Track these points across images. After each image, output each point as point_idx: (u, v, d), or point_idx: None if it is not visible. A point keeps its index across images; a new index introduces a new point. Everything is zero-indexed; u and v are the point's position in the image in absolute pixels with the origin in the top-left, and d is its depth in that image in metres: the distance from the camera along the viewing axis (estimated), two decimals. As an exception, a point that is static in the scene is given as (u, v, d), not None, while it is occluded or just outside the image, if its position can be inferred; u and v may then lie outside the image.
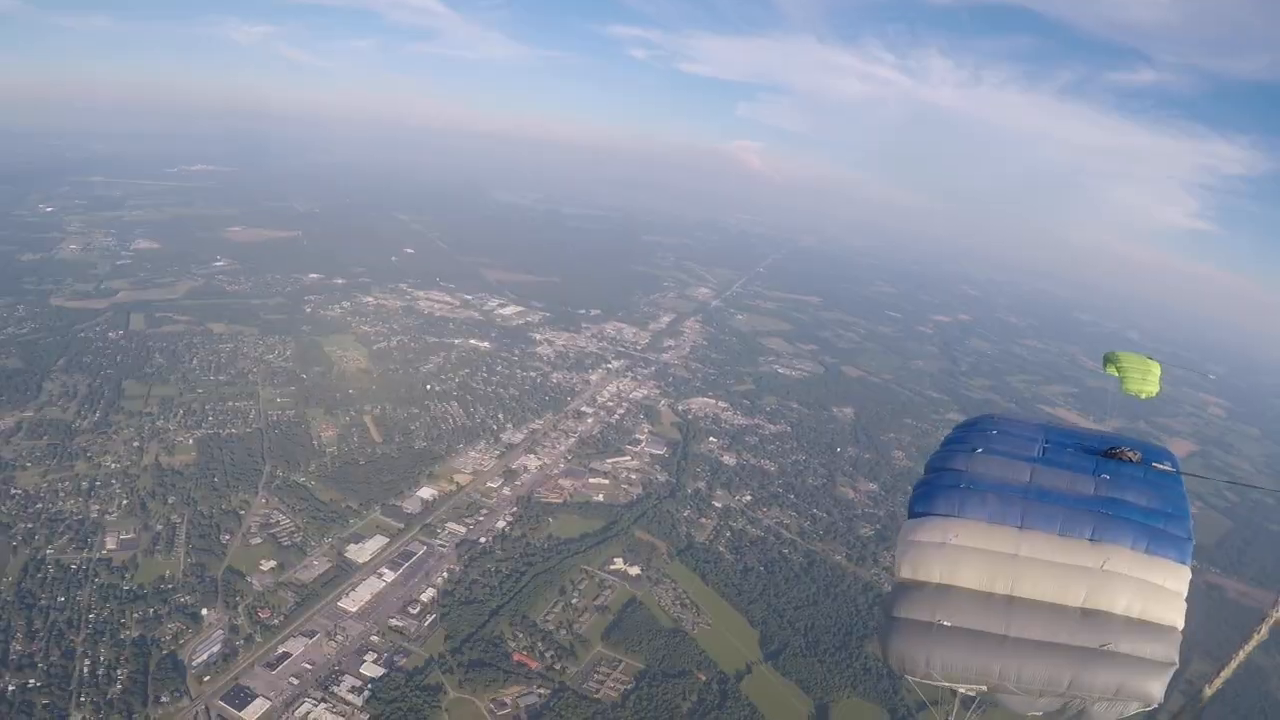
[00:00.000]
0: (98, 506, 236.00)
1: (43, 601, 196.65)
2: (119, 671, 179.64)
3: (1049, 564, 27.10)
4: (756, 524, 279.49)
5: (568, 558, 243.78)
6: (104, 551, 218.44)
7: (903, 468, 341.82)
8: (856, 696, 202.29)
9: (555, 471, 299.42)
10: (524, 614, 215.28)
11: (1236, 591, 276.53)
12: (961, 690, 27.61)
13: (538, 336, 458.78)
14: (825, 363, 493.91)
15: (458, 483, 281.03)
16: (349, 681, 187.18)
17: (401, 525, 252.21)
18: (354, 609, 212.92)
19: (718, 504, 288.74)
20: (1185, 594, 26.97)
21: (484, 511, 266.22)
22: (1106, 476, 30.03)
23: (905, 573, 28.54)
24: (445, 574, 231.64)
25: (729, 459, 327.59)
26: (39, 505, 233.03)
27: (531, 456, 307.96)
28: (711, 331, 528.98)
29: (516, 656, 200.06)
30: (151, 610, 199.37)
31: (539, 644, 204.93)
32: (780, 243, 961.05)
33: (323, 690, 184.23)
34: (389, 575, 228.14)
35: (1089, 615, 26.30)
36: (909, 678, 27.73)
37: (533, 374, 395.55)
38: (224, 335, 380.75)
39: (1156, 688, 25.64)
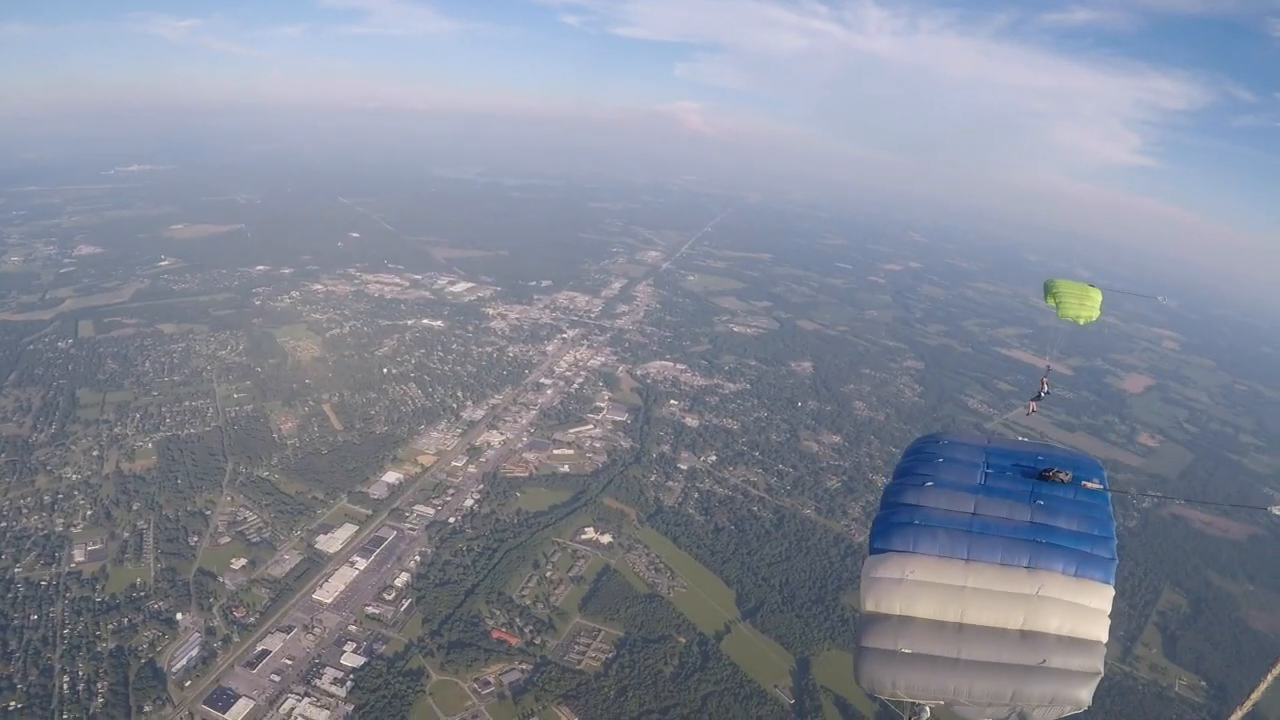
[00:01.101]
0: (62, 520, 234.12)
1: (15, 621, 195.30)
2: (99, 685, 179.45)
3: (992, 593, 31.02)
4: (724, 484, 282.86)
5: (538, 531, 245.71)
6: (73, 565, 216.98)
7: (864, 418, 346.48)
8: (836, 648, 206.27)
9: (519, 446, 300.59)
10: (500, 591, 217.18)
11: (1200, 521, 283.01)
12: (922, 705, 32.69)
13: (490, 311, 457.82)
14: (780, 318, 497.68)
15: (422, 464, 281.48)
16: (330, 673, 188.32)
17: (370, 512, 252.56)
18: (329, 600, 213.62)
19: (683, 466, 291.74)
20: (1109, 610, 31.30)
21: (451, 491, 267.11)
22: (1041, 502, 34.10)
23: (869, 606, 32.01)
24: (417, 557, 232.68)
25: (691, 420, 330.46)
26: (2, 524, 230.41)
27: (494, 432, 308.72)
28: (664, 294, 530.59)
29: (496, 634, 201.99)
30: (126, 620, 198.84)
31: (517, 620, 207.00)
32: (727, 201, 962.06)
33: (305, 684, 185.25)
34: (361, 563, 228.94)
35: (1027, 636, 30.36)
36: (879, 696, 31.75)
37: (488, 349, 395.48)
38: (175, 335, 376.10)
39: (1085, 694, 29.98)
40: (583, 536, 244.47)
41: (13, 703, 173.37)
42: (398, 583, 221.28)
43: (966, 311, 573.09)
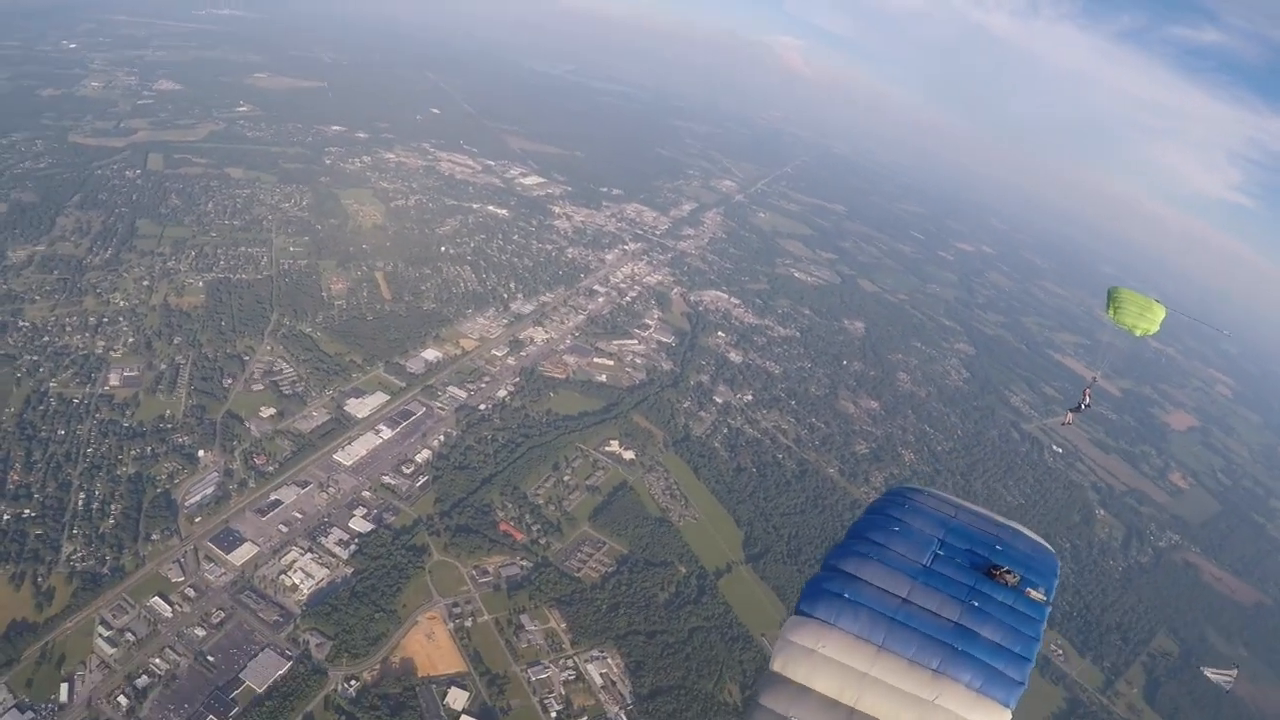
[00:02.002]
0: (103, 343, 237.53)
1: (43, 434, 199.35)
2: (113, 507, 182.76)
3: (891, 688, 31.44)
4: (755, 425, 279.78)
5: (564, 434, 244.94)
6: (107, 388, 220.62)
7: (906, 390, 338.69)
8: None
9: (561, 347, 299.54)
10: (515, 485, 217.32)
11: (1211, 575, 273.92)
12: None
13: (557, 210, 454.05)
14: (842, 273, 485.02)
15: (463, 348, 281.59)
16: (337, 534, 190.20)
17: (403, 384, 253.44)
18: (348, 463, 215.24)
19: (719, 400, 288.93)
20: None
21: (486, 379, 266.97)
22: (975, 603, 33.84)
23: (776, 666, 32.79)
24: (441, 437, 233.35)
25: (735, 356, 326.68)
26: (45, 339, 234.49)
27: (539, 329, 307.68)
28: (732, 226, 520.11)
29: (503, 526, 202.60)
30: (149, 448, 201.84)
31: (527, 517, 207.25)
32: (812, 146, 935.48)
33: (310, 540, 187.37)
34: (386, 433, 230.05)
35: None
36: None
37: (548, 247, 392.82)
38: (241, 181, 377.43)
39: None
40: (606, 448, 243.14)
41: (27, 510, 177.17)
42: (418, 458, 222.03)
43: (1029, 308, 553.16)
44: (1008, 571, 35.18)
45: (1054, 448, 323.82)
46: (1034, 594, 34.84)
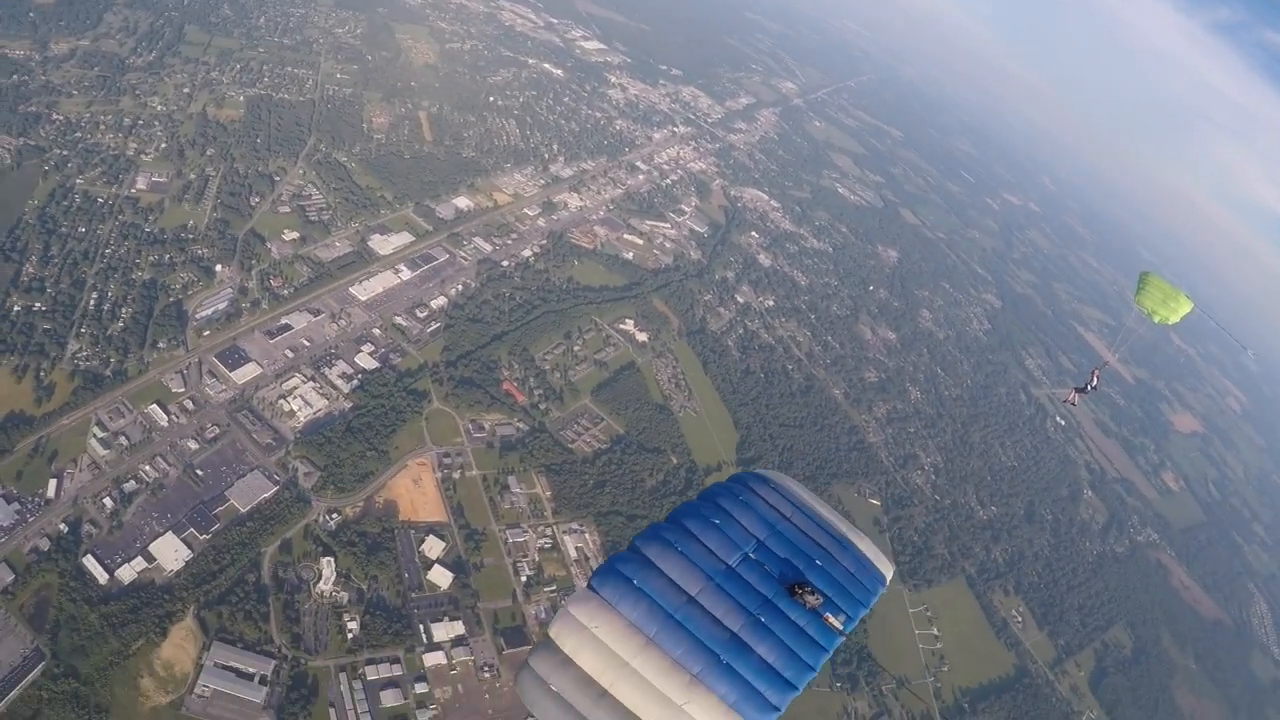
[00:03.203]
0: (135, 145, 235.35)
1: (63, 229, 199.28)
2: (123, 310, 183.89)
3: (646, 683, 31.81)
4: (771, 331, 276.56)
5: (581, 305, 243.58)
6: (133, 190, 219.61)
7: (925, 329, 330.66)
8: None
9: (594, 217, 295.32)
10: (525, 347, 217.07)
11: (1179, 581, 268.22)
12: None
13: (612, 79, 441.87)
14: (886, 198, 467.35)
15: (496, 201, 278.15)
16: (341, 367, 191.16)
17: (430, 228, 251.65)
18: (364, 298, 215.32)
19: (740, 299, 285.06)
20: None
21: (514, 236, 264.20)
22: (762, 619, 33.71)
23: (552, 632, 33.34)
24: (460, 286, 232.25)
25: (764, 259, 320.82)
26: (77, 134, 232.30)
27: (574, 195, 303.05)
28: (785, 129, 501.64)
29: (506, 386, 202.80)
30: (168, 256, 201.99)
31: (531, 380, 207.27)
32: (880, 65, 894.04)
33: (314, 369, 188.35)
34: (406, 274, 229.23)
35: None
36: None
37: (598, 115, 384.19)
38: (297, 0, 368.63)
39: None
40: (621, 326, 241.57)
41: (38, 304, 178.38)
42: (433, 304, 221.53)
43: (1062, 274, 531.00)
44: (810, 592, 35.01)
45: (1058, 419, 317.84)
46: (831, 620, 34.70)
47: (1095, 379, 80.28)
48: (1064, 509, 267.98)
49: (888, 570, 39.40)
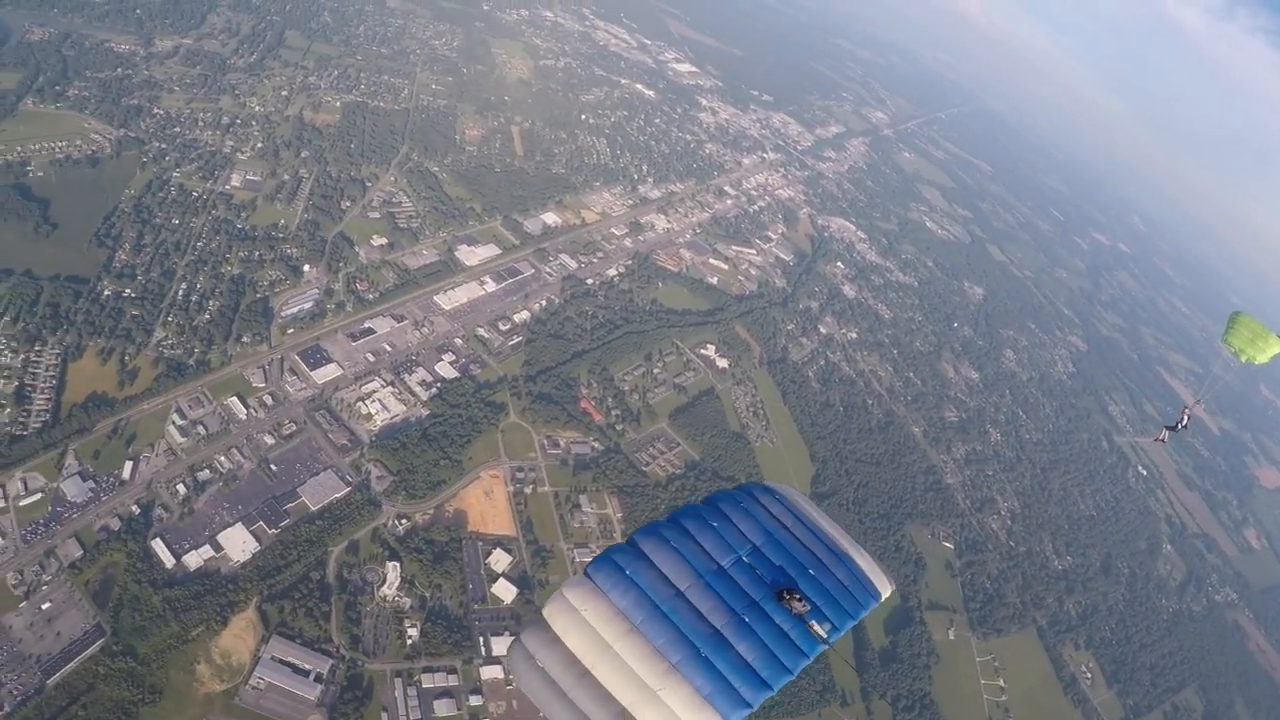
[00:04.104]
0: (232, 143, 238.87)
1: (157, 219, 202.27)
2: (211, 303, 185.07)
3: (625, 667, 32.60)
4: (852, 364, 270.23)
5: (663, 327, 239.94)
6: (228, 187, 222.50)
7: (1008, 369, 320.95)
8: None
9: (680, 240, 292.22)
10: (605, 366, 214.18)
11: (1257, 645, 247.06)
12: None
13: (704, 102, 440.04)
14: (974, 234, 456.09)
15: (584, 219, 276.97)
16: (421, 374, 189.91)
17: (517, 242, 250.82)
18: (448, 307, 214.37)
19: (823, 330, 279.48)
20: None
21: (599, 254, 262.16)
22: (746, 619, 34.44)
23: (545, 612, 34.13)
24: (544, 301, 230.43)
25: (849, 290, 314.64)
26: (176, 129, 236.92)
27: (662, 217, 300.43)
28: (874, 159, 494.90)
29: (584, 404, 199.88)
30: (257, 254, 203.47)
31: (609, 400, 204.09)
32: (970, 96, 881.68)
33: (394, 374, 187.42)
34: (491, 286, 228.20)
35: (623, 716, 32.04)
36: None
37: (688, 137, 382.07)
38: (396, 10, 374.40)
39: None
40: (702, 351, 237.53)
41: (128, 290, 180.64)
42: (516, 317, 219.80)
43: (1150, 319, 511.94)
44: (798, 599, 35.50)
45: (1139, 468, 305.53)
46: (816, 628, 35.11)
47: (1186, 418, 78.44)
48: (1141, 563, 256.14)
49: (885, 588, 39.48)
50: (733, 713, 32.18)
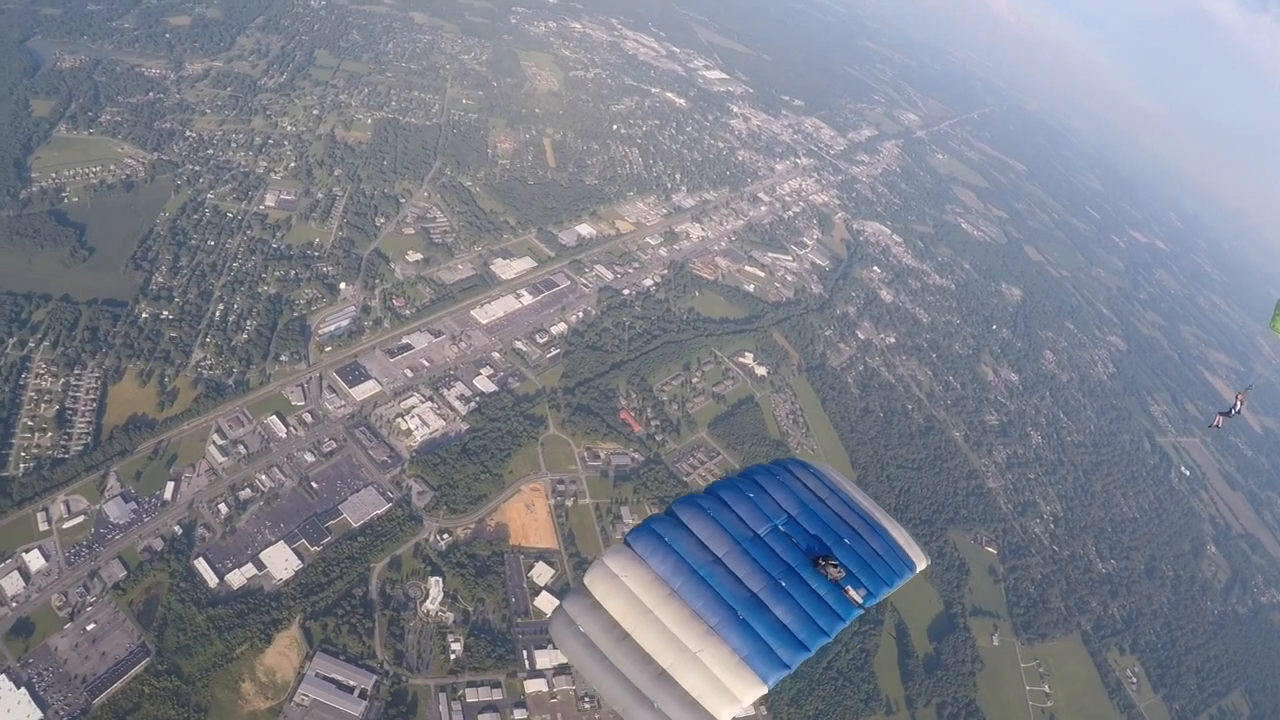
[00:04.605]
0: (265, 163, 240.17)
1: (193, 241, 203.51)
2: (248, 323, 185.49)
3: (664, 629, 33.35)
4: (891, 369, 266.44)
5: (701, 336, 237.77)
6: (262, 207, 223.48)
7: (1048, 371, 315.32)
8: (920, 576, 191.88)
9: (715, 248, 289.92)
10: (643, 377, 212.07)
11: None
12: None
13: (735, 109, 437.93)
14: (1010, 234, 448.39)
15: (618, 229, 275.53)
16: (460, 389, 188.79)
17: (552, 254, 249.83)
18: (484, 321, 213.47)
19: (861, 335, 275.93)
20: (749, 702, 32.75)
21: (635, 265, 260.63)
22: (783, 583, 34.86)
23: (586, 579, 35.00)
24: (581, 313, 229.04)
25: (886, 295, 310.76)
26: (210, 151, 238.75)
27: (696, 225, 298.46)
28: (908, 161, 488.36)
29: (623, 415, 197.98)
30: (293, 272, 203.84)
31: (648, 410, 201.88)
32: (1002, 96, 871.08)
33: (433, 390, 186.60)
34: (527, 298, 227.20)
35: (663, 677, 32.76)
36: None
37: (720, 145, 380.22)
38: (424, 26, 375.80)
39: None
40: (740, 359, 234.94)
41: (166, 312, 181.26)
42: (553, 330, 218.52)
43: (1190, 316, 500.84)
44: (833, 565, 35.84)
45: (1182, 469, 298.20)
46: (852, 593, 35.43)
47: (1240, 403, 78.25)
48: (1185, 565, 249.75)
49: (920, 560, 39.96)
50: (770, 673, 32.57)
